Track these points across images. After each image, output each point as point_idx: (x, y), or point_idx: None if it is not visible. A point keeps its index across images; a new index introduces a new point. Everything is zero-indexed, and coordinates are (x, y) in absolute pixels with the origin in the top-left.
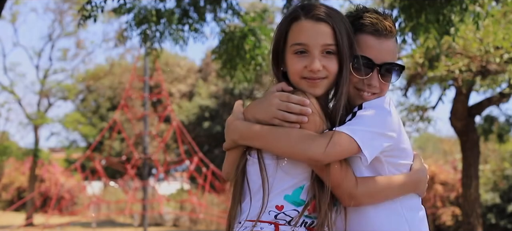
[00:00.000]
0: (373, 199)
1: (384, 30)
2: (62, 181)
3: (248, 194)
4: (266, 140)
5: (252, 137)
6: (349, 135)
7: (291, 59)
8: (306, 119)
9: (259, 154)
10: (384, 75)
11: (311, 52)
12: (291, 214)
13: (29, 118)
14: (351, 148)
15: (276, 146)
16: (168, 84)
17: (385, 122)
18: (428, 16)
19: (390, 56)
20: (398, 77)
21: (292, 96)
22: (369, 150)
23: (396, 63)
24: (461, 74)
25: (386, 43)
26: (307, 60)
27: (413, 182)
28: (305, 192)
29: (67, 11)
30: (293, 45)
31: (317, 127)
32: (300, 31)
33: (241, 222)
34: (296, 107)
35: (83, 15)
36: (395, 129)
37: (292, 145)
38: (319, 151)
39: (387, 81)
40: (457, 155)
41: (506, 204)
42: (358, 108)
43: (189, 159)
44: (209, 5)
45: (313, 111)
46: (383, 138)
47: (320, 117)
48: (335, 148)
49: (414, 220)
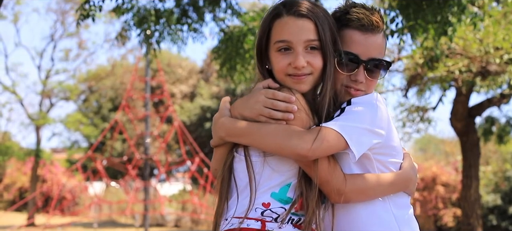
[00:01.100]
0: (362, 196)
1: (371, 25)
2: (64, 181)
3: (235, 191)
4: (252, 136)
5: (238, 134)
6: (337, 131)
7: (275, 57)
8: (292, 116)
9: (246, 151)
10: (370, 71)
11: (294, 49)
12: (278, 211)
13: (31, 118)
14: (338, 144)
15: (263, 143)
16: (170, 85)
17: (374, 118)
18: (426, 17)
19: (377, 52)
20: (385, 73)
21: (278, 93)
22: (357, 146)
23: (382, 59)
24: (461, 75)
25: (372, 38)
26: (291, 57)
27: (403, 180)
28: (292, 190)
29: (69, 11)
30: (276, 43)
31: (303, 124)
32: (282, 28)
33: (228, 219)
34: (282, 104)
35: (81, 14)
36: (384, 126)
37: (279, 141)
38: (306, 147)
39: (374, 78)
40: (459, 156)
41: (507, 205)
42: (347, 104)
43: (191, 160)
44: (208, 5)
45: (299, 108)
46: (372, 134)
47: (307, 114)
48: (322, 143)
49: (403, 218)
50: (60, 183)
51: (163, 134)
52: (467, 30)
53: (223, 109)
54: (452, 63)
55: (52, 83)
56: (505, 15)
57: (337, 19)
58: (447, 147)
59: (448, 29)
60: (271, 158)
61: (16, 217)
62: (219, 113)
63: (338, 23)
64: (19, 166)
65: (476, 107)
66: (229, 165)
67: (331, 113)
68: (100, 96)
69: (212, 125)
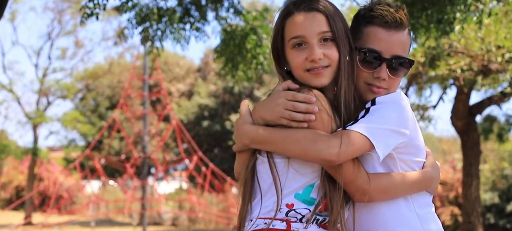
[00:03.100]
0: (386, 195)
1: (394, 22)
2: (61, 180)
3: (258, 193)
4: (277, 144)
5: (263, 142)
6: (362, 133)
7: (291, 54)
8: (314, 117)
9: (269, 153)
10: (393, 69)
11: (309, 42)
12: (302, 212)
13: (28, 117)
14: (364, 147)
15: (288, 149)
16: (167, 83)
17: (399, 118)
18: (429, 17)
19: (400, 49)
20: (407, 71)
21: (298, 94)
22: (382, 147)
23: (405, 57)
24: (462, 74)
25: (396, 35)
26: (307, 52)
27: (425, 179)
28: (316, 190)
29: (66, 10)
30: (290, 40)
31: (325, 124)
32: (295, 25)
33: (253, 219)
34: (302, 106)
35: (85, 13)
36: (409, 125)
37: (304, 147)
38: (332, 152)
39: (397, 76)
40: (456, 155)
41: (505, 203)
42: (371, 104)
43: (188, 158)
44: (210, 4)
45: (320, 109)
46: (397, 135)
47: (328, 114)
48: (348, 147)
49: (426, 217)
50: (57, 182)
51: (160, 132)
52: (468, 29)
53: (244, 115)
54: (453, 61)
55: (49, 82)
56: (506, 14)
57: (361, 16)
58: (445, 145)
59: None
60: (294, 160)
61: (13, 216)
62: (241, 119)
63: (363, 21)
64: (16, 164)
65: (477, 106)
66: (251, 167)
67: (352, 111)
68: (98, 95)
69: (235, 131)
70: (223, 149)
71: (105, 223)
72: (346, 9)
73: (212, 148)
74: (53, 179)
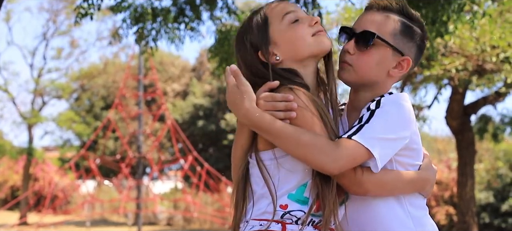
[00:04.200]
0: (382, 190)
1: (376, 5)
2: (56, 180)
3: (252, 196)
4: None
5: (267, 131)
6: (365, 146)
7: (292, 29)
8: (294, 114)
9: (257, 157)
10: (358, 43)
11: (301, 16)
12: (298, 215)
13: (23, 117)
14: (364, 158)
15: (290, 149)
16: (162, 83)
17: (401, 123)
18: (424, 17)
19: (372, 26)
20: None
21: (276, 95)
22: (382, 158)
23: (368, 31)
24: (457, 74)
25: (371, 14)
26: (305, 21)
27: (420, 180)
28: (309, 189)
29: (61, 10)
30: (285, 17)
31: (307, 122)
32: (280, 5)
33: (248, 221)
34: (281, 104)
35: (79, 13)
36: (410, 128)
37: (309, 155)
38: (336, 166)
39: (361, 51)
40: (451, 154)
41: (500, 203)
42: (376, 106)
43: (183, 158)
44: (205, 4)
45: (301, 106)
46: (398, 141)
47: (311, 111)
48: (349, 161)
49: (420, 218)
50: (53, 182)
51: (155, 132)
52: (463, 29)
53: (248, 91)
54: (448, 61)
55: (44, 82)
56: (501, 14)
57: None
58: (440, 145)
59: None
60: (283, 160)
61: (9, 216)
62: (244, 95)
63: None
64: (11, 164)
65: (472, 106)
66: (244, 170)
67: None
68: (92, 95)
69: (231, 102)
70: (218, 149)
71: (100, 223)
72: (341, 9)
73: (207, 147)
74: (48, 179)
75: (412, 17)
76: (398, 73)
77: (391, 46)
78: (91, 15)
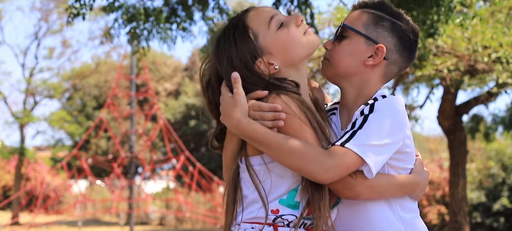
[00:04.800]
0: (373, 193)
1: (358, 4)
2: (48, 179)
3: (242, 201)
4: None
5: (256, 140)
6: (357, 154)
7: (282, 34)
8: (282, 123)
9: (247, 162)
10: (338, 38)
11: (283, 18)
12: (289, 218)
13: (15, 116)
14: (357, 166)
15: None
16: (155, 82)
17: (395, 128)
18: (414, 18)
19: (347, 22)
20: (340, 37)
21: (263, 104)
22: (377, 166)
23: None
24: (449, 74)
25: (353, 13)
26: (291, 22)
27: (411, 184)
28: (299, 194)
29: (53, 9)
30: (270, 22)
31: (296, 129)
32: (260, 13)
33: (240, 224)
34: (269, 114)
35: (71, 12)
36: (404, 133)
37: (300, 164)
38: (328, 176)
39: (338, 44)
40: (443, 154)
41: (492, 202)
42: (369, 110)
43: (176, 158)
44: (197, 4)
45: (290, 114)
46: (391, 146)
47: (300, 119)
48: (342, 170)
49: (410, 221)
50: (45, 182)
51: (148, 132)
52: (455, 29)
53: (241, 102)
54: (440, 61)
55: (36, 82)
56: (492, 14)
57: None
58: (432, 145)
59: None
60: (273, 165)
61: (0, 216)
62: (235, 104)
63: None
64: (3, 164)
65: (464, 106)
66: (234, 174)
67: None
68: (85, 94)
69: (223, 111)
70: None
71: (92, 222)
72: (333, 9)
73: (199, 147)
74: (40, 178)
75: (392, 12)
76: (373, 62)
77: (362, 34)
78: (83, 15)
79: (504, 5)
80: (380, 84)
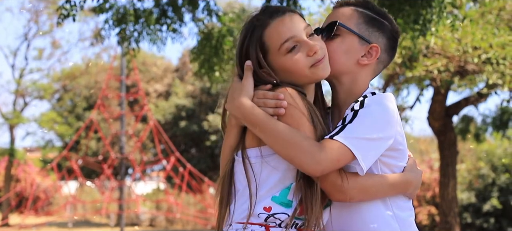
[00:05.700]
0: (366, 195)
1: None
2: (38, 181)
3: (234, 195)
4: (267, 134)
5: (255, 123)
6: (348, 147)
7: (288, 60)
8: (283, 111)
9: (244, 154)
10: (325, 36)
11: (300, 40)
12: (281, 218)
13: (5, 117)
14: (348, 160)
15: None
16: (145, 83)
17: (385, 123)
18: (406, 17)
19: (336, 19)
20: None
21: (268, 93)
22: (366, 161)
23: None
24: (439, 74)
25: (336, 10)
26: (304, 49)
27: (403, 182)
28: (292, 192)
29: (43, 10)
30: (282, 46)
31: (295, 120)
32: (279, 31)
33: (232, 224)
34: (272, 102)
35: (61, 13)
36: (395, 129)
37: (292, 154)
38: (318, 169)
39: (331, 41)
40: (433, 155)
41: (482, 203)
42: (360, 106)
43: (166, 159)
44: (187, 5)
45: (292, 104)
46: (382, 142)
47: (301, 111)
48: (332, 163)
49: (405, 221)
50: (35, 183)
51: (138, 133)
52: (445, 30)
53: (247, 88)
54: (430, 62)
55: (26, 82)
56: (482, 15)
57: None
58: (422, 145)
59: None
60: (270, 158)
61: None
62: (241, 90)
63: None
64: None
65: (454, 106)
66: (229, 167)
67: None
68: (75, 95)
69: (229, 99)
70: (201, 150)
71: (82, 224)
72: (324, 10)
73: (190, 148)
74: (30, 180)
75: (378, 11)
76: (367, 61)
77: (355, 34)
78: (74, 16)
79: (494, 6)
80: (368, 83)
